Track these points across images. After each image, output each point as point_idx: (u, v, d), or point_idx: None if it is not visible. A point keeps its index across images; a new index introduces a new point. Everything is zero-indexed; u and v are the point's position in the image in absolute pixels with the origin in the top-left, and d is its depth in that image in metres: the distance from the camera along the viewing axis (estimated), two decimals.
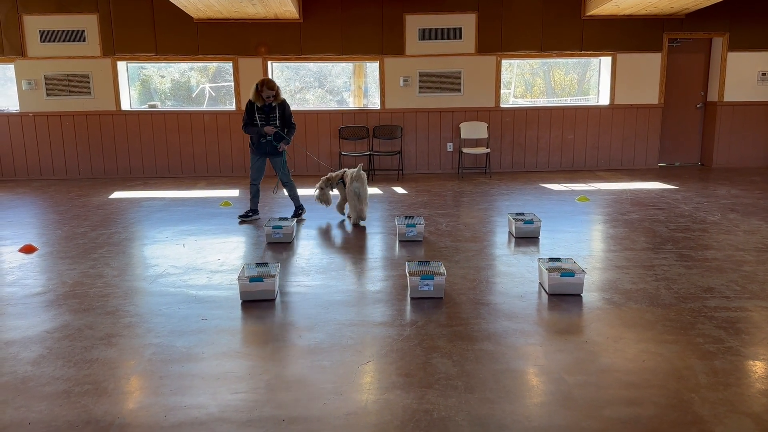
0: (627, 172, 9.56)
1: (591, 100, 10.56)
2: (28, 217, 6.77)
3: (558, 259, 4.26)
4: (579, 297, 3.97)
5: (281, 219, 5.70)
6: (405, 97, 9.53)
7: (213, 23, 9.19)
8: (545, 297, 4.00)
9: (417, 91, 9.50)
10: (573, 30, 9.40)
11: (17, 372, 3.01)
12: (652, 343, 3.26)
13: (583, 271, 4.04)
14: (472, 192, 8.00)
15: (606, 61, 9.71)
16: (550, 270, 4.07)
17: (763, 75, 9.68)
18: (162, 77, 11.41)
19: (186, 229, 6.04)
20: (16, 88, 9.36)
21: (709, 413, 2.57)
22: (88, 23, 9.17)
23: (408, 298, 3.99)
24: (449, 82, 9.49)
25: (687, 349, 3.18)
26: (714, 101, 9.82)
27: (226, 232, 5.94)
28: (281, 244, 5.45)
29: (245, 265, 4.23)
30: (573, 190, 8.06)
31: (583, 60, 10.67)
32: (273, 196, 7.49)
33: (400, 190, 8.27)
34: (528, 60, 10.61)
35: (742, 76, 9.67)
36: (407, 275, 4.06)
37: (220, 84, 11.26)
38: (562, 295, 3.98)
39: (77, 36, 9.20)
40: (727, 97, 9.73)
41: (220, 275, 4.56)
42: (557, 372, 2.95)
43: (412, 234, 5.47)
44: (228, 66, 9.83)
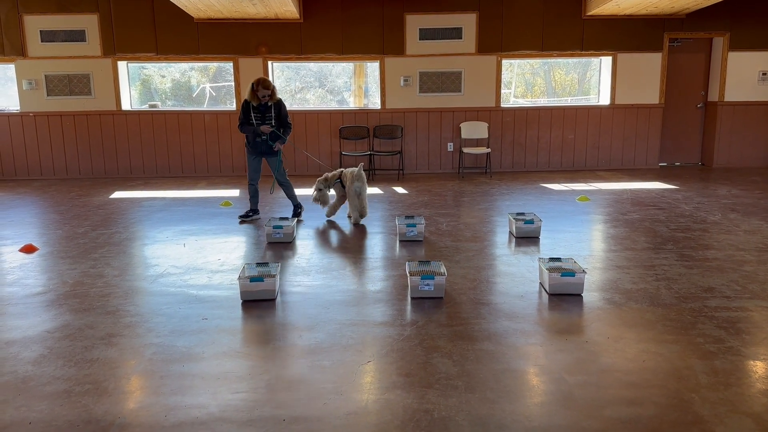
0: (627, 171, 9.56)
1: (591, 99, 10.55)
2: (28, 217, 6.78)
3: (558, 259, 4.26)
4: (579, 297, 3.97)
5: (282, 219, 5.70)
6: (405, 97, 9.53)
7: (213, 23, 9.19)
8: (546, 297, 4.00)
9: (417, 91, 9.50)
10: (573, 30, 9.40)
11: (18, 372, 3.02)
12: (652, 343, 3.26)
13: (584, 271, 4.04)
14: (472, 192, 8.00)
15: (606, 61, 9.71)
16: (550, 270, 4.07)
17: (764, 75, 9.68)
18: (162, 77, 11.41)
19: (186, 229, 6.04)
20: (16, 87, 9.37)
21: (710, 413, 2.57)
22: (88, 23, 9.18)
23: (408, 297, 3.99)
24: (450, 81, 9.49)
25: (687, 349, 3.18)
26: (714, 101, 9.82)
27: (226, 231, 5.94)
28: (282, 243, 5.45)
29: (246, 265, 4.23)
30: (573, 189, 8.06)
31: (584, 60, 10.67)
32: (272, 196, 7.49)
33: (400, 189, 8.27)
34: (528, 60, 10.61)
35: (742, 76, 9.67)
36: (408, 275, 4.06)
37: (220, 84, 11.26)
38: (562, 295, 3.98)
39: (78, 36, 9.21)
40: (728, 97, 9.72)
41: (220, 275, 4.56)
42: (558, 372, 2.95)
43: (412, 234, 5.47)
44: (228, 66, 9.84)
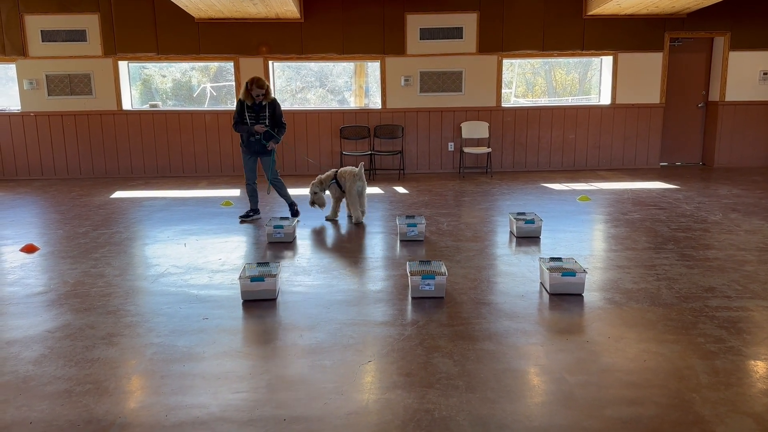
0: (628, 171, 9.56)
1: (592, 99, 10.55)
2: (29, 217, 6.78)
3: (559, 259, 4.26)
4: (580, 297, 3.97)
5: (282, 218, 5.70)
6: (406, 97, 9.53)
7: (214, 23, 9.19)
8: (546, 297, 4.00)
9: (418, 91, 9.50)
10: (574, 29, 9.40)
11: (19, 371, 3.02)
12: (653, 343, 3.26)
13: (585, 271, 4.04)
14: (473, 191, 8.00)
15: (607, 61, 9.70)
16: (551, 269, 4.07)
17: (765, 74, 9.67)
18: (163, 77, 11.41)
19: (187, 229, 6.04)
20: (17, 87, 9.38)
21: (711, 413, 2.57)
22: (89, 23, 9.18)
23: (409, 297, 3.99)
24: (450, 81, 9.49)
25: (688, 349, 3.18)
26: (715, 101, 9.81)
27: (227, 231, 5.95)
28: (282, 243, 5.45)
29: (246, 265, 4.23)
30: (574, 189, 8.06)
31: (585, 59, 10.66)
32: (272, 195, 7.48)
33: (401, 189, 8.26)
34: (529, 59, 10.60)
35: (743, 75, 9.66)
36: (408, 275, 4.06)
37: (221, 84, 11.26)
38: (563, 295, 3.98)
39: (78, 36, 9.21)
40: (729, 97, 9.72)
41: (221, 275, 4.56)
42: (558, 372, 2.95)
43: (413, 233, 5.46)
44: (229, 66, 9.84)
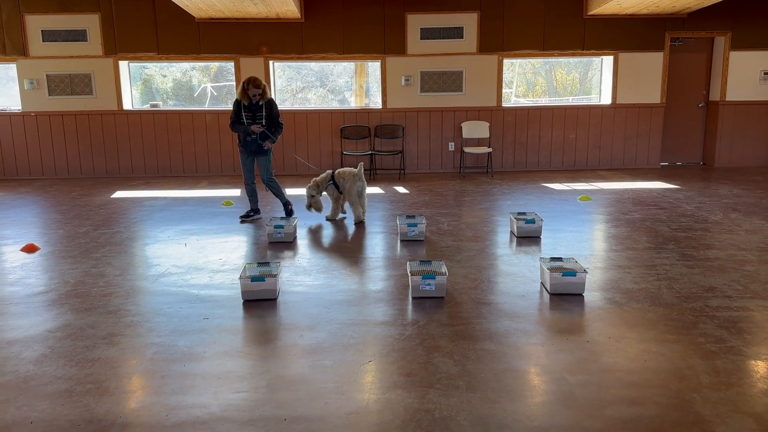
0: (629, 171, 9.55)
1: (593, 99, 10.54)
2: (30, 217, 6.78)
3: (560, 259, 4.26)
4: (581, 296, 3.97)
5: (283, 218, 5.70)
6: (406, 97, 9.53)
7: (215, 23, 9.19)
8: (547, 296, 4.00)
9: (418, 91, 9.50)
10: (575, 29, 9.39)
11: (19, 371, 3.02)
12: (653, 343, 3.26)
13: (585, 271, 4.04)
14: (473, 191, 8.00)
15: (608, 61, 9.70)
16: (551, 269, 4.07)
17: (766, 74, 9.66)
18: (164, 77, 11.41)
19: (188, 229, 6.05)
20: (18, 87, 9.38)
21: (711, 413, 2.56)
22: (89, 23, 9.18)
23: (409, 297, 3.99)
24: (451, 81, 9.49)
25: (689, 349, 3.18)
26: (716, 100, 9.81)
27: (227, 231, 5.95)
28: (283, 243, 5.45)
29: (247, 265, 4.24)
30: (575, 189, 8.06)
31: (585, 59, 10.65)
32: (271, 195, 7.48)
33: (401, 189, 8.26)
34: (530, 59, 10.60)
35: (744, 75, 9.66)
36: (409, 275, 4.06)
37: (221, 84, 11.26)
38: (563, 295, 3.98)
39: (79, 36, 9.21)
40: (729, 97, 9.71)
41: (221, 275, 4.56)
42: (559, 371, 2.95)
43: (413, 233, 5.46)
44: (230, 66, 9.84)
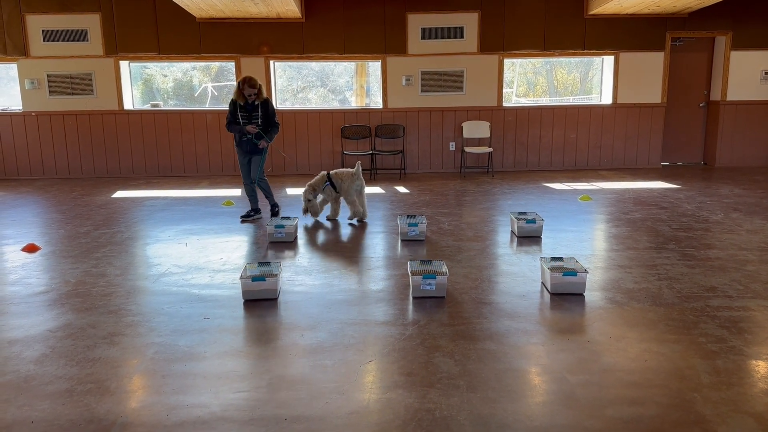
0: (630, 171, 9.55)
1: (594, 99, 10.54)
2: (30, 217, 6.79)
3: (560, 259, 4.26)
4: (581, 296, 3.97)
5: (283, 218, 5.70)
6: (407, 97, 9.53)
7: (215, 22, 9.20)
8: (547, 296, 4.00)
9: (419, 91, 9.50)
10: (576, 29, 9.39)
11: (20, 371, 3.02)
12: (654, 343, 3.25)
13: (586, 271, 4.04)
14: (474, 191, 8.00)
15: (609, 60, 9.69)
16: (552, 269, 4.07)
17: (766, 74, 9.65)
18: (164, 76, 11.41)
19: (188, 229, 6.05)
20: (19, 87, 9.39)
21: (712, 413, 2.56)
22: (90, 23, 9.19)
23: (410, 297, 3.99)
24: (452, 81, 9.48)
25: (689, 349, 3.18)
26: (717, 100, 9.80)
27: (228, 231, 5.95)
28: (283, 243, 5.46)
29: (247, 265, 4.24)
30: (575, 189, 8.05)
31: (586, 59, 10.65)
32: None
33: (402, 189, 8.26)
34: (530, 59, 10.60)
35: (745, 75, 9.65)
36: (409, 274, 4.06)
37: (222, 83, 11.26)
38: (564, 295, 3.98)
39: (80, 35, 9.21)
40: (730, 96, 9.70)
41: (222, 274, 4.56)
42: (559, 371, 2.94)
43: (414, 233, 5.46)
44: (230, 65, 9.84)
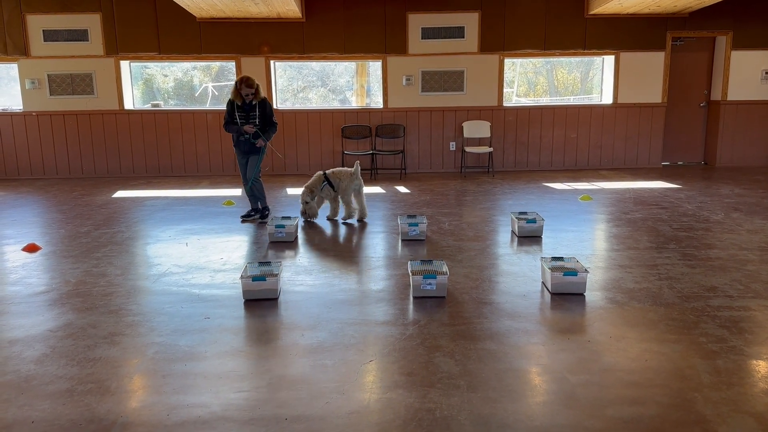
0: (630, 171, 9.54)
1: (594, 99, 10.53)
2: (31, 216, 6.79)
3: (561, 258, 4.26)
4: (582, 296, 3.97)
5: (284, 218, 5.70)
6: (408, 96, 9.53)
7: (216, 22, 9.20)
8: (548, 296, 4.00)
9: (420, 90, 9.50)
10: (576, 29, 9.39)
11: (20, 370, 3.02)
12: (655, 343, 3.25)
13: (586, 270, 4.04)
14: (474, 191, 7.99)
15: (609, 60, 9.69)
16: (552, 269, 4.07)
17: (767, 74, 9.65)
18: (165, 76, 11.41)
19: (189, 228, 6.05)
20: (19, 87, 9.39)
21: (712, 413, 2.56)
22: (91, 22, 9.19)
23: (410, 297, 3.99)
24: (452, 81, 9.48)
25: (690, 349, 3.17)
26: (717, 100, 9.80)
27: (228, 231, 5.95)
28: (284, 243, 5.46)
29: (248, 264, 4.24)
30: (576, 189, 8.05)
31: (587, 59, 10.64)
32: (272, 195, 7.49)
33: (402, 189, 8.26)
34: (531, 59, 10.59)
35: (745, 74, 9.64)
36: (410, 274, 4.06)
37: (223, 83, 11.26)
38: (564, 295, 3.98)
39: (80, 35, 9.22)
40: (731, 96, 9.70)
41: (222, 274, 4.56)
42: (560, 371, 2.94)
43: (414, 233, 5.46)
44: (231, 65, 9.84)
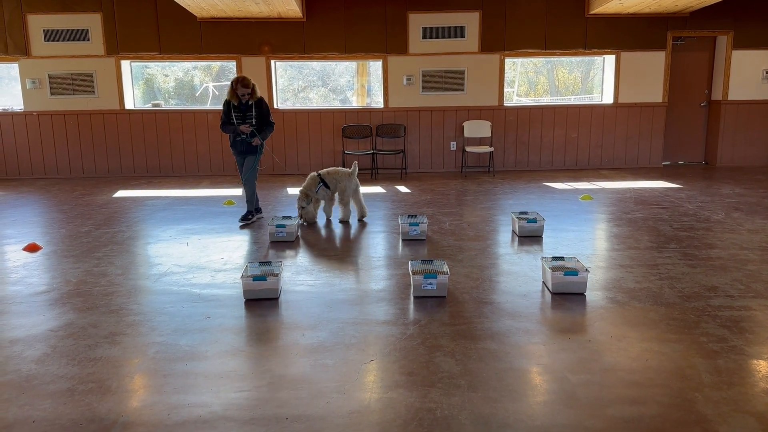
0: (631, 170, 9.54)
1: (595, 98, 10.53)
2: (32, 216, 6.79)
3: (561, 258, 4.25)
4: (582, 296, 3.97)
5: (284, 218, 5.70)
6: (408, 96, 9.53)
7: (216, 22, 9.20)
8: (548, 296, 4.00)
9: (420, 90, 9.50)
10: (577, 28, 9.38)
11: (21, 370, 3.03)
12: (655, 342, 3.25)
13: (587, 270, 4.04)
14: (475, 191, 7.99)
15: (610, 60, 9.68)
16: (553, 269, 4.06)
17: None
18: (165, 76, 11.41)
19: (189, 228, 6.05)
20: (20, 87, 9.39)
21: (713, 412, 2.56)
22: (91, 22, 9.19)
23: (411, 296, 3.99)
24: (452, 80, 9.48)
25: (691, 348, 3.17)
26: (718, 100, 9.79)
27: (229, 230, 5.95)
28: (284, 242, 5.46)
29: (248, 264, 4.24)
30: (577, 188, 8.05)
31: (587, 58, 10.64)
32: (272, 195, 7.50)
33: (403, 188, 8.26)
34: (531, 58, 10.59)
35: (746, 74, 9.64)
36: (410, 274, 4.06)
37: (223, 83, 11.25)
38: (565, 294, 3.98)
39: (81, 35, 9.22)
40: (732, 96, 9.69)
41: (223, 274, 4.57)
42: (560, 371, 2.94)
43: (415, 233, 5.47)
44: (231, 65, 9.84)
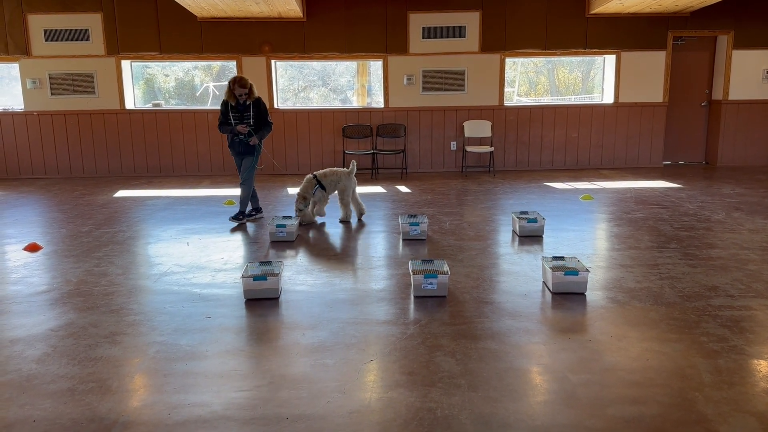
0: (631, 170, 9.54)
1: (595, 98, 10.53)
2: (32, 216, 6.79)
3: (562, 258, 4.25)
4: (583, 296, 3.97)
5: (285, 218, 5.70)
6: (408, 96, 9.53)
7: (217, 22, 9.20)
8: (549, 295, 4.00)
9: (420, 90, 9.50)
10: (577, 28, 9.38)
11: (22, 370, 3.03)
12: (656, 342, 3.25)
13: (587, 270, 4.04)
14: (475, 190, 7.99)
15: (610, 60, 9.68)
16: (553, 269, 4.06)
17: None
18: (166, 76, 11.42)
19: (190, 228, 6.05)
20: (20, 87, 9.40)
21: (713, 412, 2.56)
22: (92, 22, 9.19)
23: (411, 296, 3.99)
24: (453, 80, 9.48)
25: (691, 348, 3.17)
26: (719, 99, 9.79)
27: (229, 230, 5.95)
28: (285, 242, 5.46)
29: (249, 264, 4.24)
30: (577, 188, 8.05)
31: (588, 58, 10.64)
32: (272, 195, 7.50)
33: (403, 188, 8.26)
34: (532, 58, 10.59)
35: (746, 74, 9.63)
36: (411, 274, 4.06)
37: (223, 83, 11.24)
38: (565, 294, 3.98)
39: (81, 35, 9.22)
40: (732, 96, 9.69)
41: (223, 274, 4.57)
42: (561, 371, 2.94)
43: (415, 232, 5.47)
44: (232, 65, 9.84)
